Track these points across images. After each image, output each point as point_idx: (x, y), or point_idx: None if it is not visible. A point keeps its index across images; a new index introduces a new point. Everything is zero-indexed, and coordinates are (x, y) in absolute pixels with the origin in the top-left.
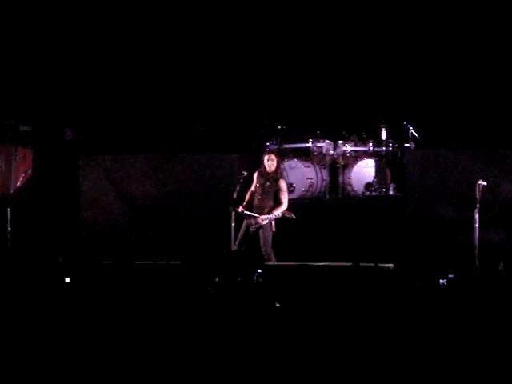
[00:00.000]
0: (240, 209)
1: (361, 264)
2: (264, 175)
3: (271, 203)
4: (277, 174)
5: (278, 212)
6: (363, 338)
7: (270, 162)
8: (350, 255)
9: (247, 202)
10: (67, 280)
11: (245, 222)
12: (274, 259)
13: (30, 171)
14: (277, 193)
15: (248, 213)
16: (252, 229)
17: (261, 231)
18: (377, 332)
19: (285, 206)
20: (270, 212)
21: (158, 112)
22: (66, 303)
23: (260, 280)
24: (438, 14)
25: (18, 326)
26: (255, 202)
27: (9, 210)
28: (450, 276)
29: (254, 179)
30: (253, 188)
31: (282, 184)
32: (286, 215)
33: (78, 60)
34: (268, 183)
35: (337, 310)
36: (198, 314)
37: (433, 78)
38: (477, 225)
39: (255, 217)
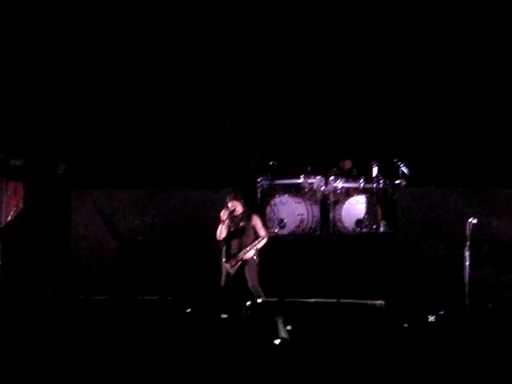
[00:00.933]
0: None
1: (351, 301)
2: (234, 219)
3: (251, 242)
4: (246, 213)
5: (257, 243)
6: (353, 375)
7: (231, 206)
8: (340, 291)
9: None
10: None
11: (224, 267)
12: (262, 295)
13: (20, 205)
14: (253, 230)
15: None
16: (232, 271)
17: (246, 268)
18: (366, 369)
19: (265, 239)
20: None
21: (149, 147)
22: (57, 338)
23: (248, 314)
24: (428, 48)
25: (6, 358)
26: (233, 247)
27: None
28: (441, 313)
29: (224, 219)
30: (221, 230)
31: (256, 219)
32: (271, 234)
33: (70, 95)
34: (241, 224)
35: (326, 346)
36: (186, 349)
37: (424, 117)
38: (467, 262)
39: (235, 255)
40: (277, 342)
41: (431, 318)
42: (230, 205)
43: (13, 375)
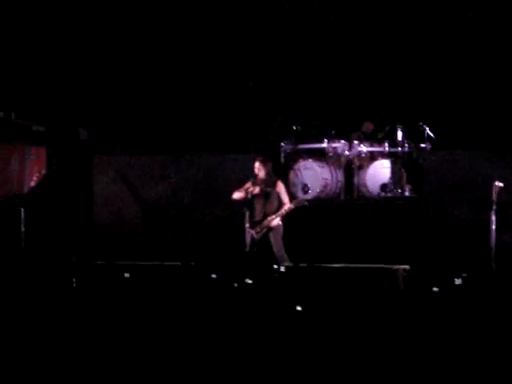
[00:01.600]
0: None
1: (375, 266)
2: (258, 183)
3: (275, 209)
4: (270, 178)
5: (283, 212)
6: (378, 340)
7: (257, 170)
8: (364, 256)
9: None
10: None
11: (248, 233)
12: (288, 261)
13: (43, 171)
14: (277, 196)
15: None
16: (256, 237)
17: (271, 235)
18: (390, 334)
19: (288, 205)
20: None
21: (171, 113)
22: (77, 303)
23: (277, 279)
24: (451, 13)
25: (28, 324)
26: (258, 212)
27: (22, 209)
28: (463, 275)
29: (245, 186)
30: (239, 192)
31: (280, 185)
32: (298, 204)
33: (91, 61)
34: (267, 189)
35: (351, 311)
36: (211, 315)
37: (449, 79)
38: (493, 226)
39: (260, 222)
40: (299, 308)
41: (457, 281)
42: (256, 165)
43: (33, 340)
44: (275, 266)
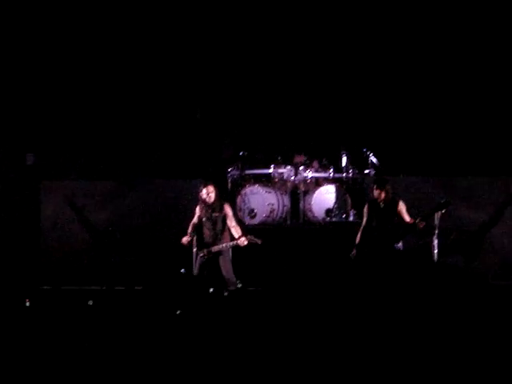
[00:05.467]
0: (184, 239)
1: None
2: (208, 207)
3: (225, 233)
4: (218, 202)
5: (234, 242)
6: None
7: (206, 195)
8: (310, 279)
9: (193, 234)
10: (27, 304)
11: (196, 256)
12: (237, 283)
13: None
14: (224, 220)
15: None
16: (203, 260)
17: (220, 258)
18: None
19: (238, 230)
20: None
21: (119, 138)
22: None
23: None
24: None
25: None
26: (206, 236)
27: None
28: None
29: (197, 212)
30: (195, 220)
31: (227, 209)
32: (252, 240)
33: (38, 86)
34: (214, 214)
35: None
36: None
37: (392, 107)
38: (436, 251)
39: (208, 246)
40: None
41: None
42: (204, 192)
43: None
44: (211, 290)
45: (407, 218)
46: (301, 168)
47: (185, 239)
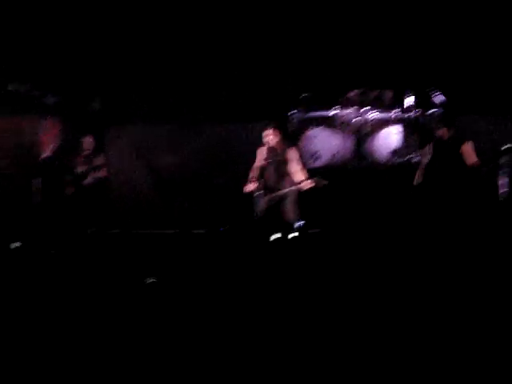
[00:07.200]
0: (250, 186)
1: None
2: (271, 151)
3: (289, 177)
4: (282, 145)
5: (301, 186)
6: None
7: (266, 138)
8: (373, 223)
9: (257, 178)
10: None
11: (259, 200)
12: (300, 225)
13: (57, 141)
14: (289, 163)
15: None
16: (268, 204)
17: (283, 203)
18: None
19: (302, 174)
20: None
21: (182, 82)
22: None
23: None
24: None
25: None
26: (269, 180)
27: (40, 180)
28: None
29: (261, 155)
30: (258, 164)
31: (292, 153)
32: (316, 183)
33: (101, 31)
34: (278, 158)
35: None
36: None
37: (457, 44)
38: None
39: (272, 190)
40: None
41: None
42: (266, 134)
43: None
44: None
45: (472, 160)
46: (364, 109)
47: (250, 186)
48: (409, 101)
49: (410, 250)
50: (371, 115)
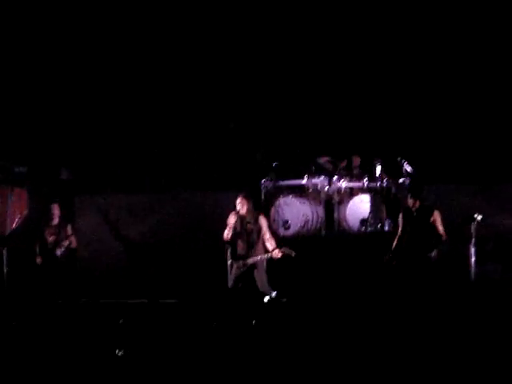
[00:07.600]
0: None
1: None
2: (242, 219)
3: (259, 245)
4: (252, 213)
5: (268, 255)
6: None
7: (240, 207)
8: (345, 290)
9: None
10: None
11: (231, 268)
12: (272, 294)
13: (25, 212)
14: (259, 231)
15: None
16: (239, 272)
17: (255, 270)
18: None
19: (272, 242)
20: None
21: (152, 151)
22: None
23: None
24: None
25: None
26: (240, 248)
27: (5, 251)
28: None
29: (231, 223)
30: (228, 231)
31: (262, 221)
32: (286, 253)
33: (72, 101)
34: (249, 226)
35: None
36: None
37: (427, 114)
38: (473, 259)
39: (243, 257)
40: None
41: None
42: (237, 203)
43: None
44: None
45: (440, 229)
46: (335, 178)
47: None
48: (379, 170)
49: (379, 318)
50: (342, 184)
